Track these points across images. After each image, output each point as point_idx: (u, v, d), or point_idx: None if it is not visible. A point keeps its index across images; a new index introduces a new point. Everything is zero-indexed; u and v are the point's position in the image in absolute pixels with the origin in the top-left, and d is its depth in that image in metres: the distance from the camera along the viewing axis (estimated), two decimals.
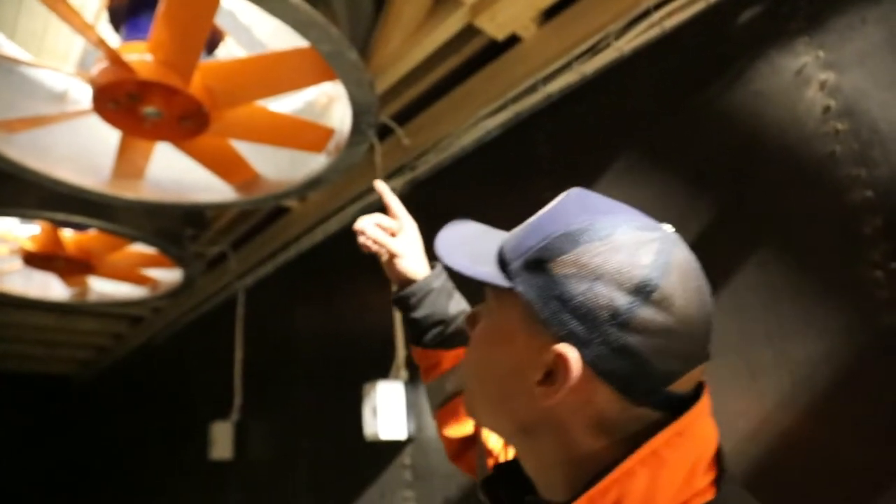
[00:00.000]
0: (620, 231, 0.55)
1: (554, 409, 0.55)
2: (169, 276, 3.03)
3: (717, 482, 0.54)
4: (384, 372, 2.19)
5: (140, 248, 2.69)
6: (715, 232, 1.42)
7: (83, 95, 1.80)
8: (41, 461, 6.00)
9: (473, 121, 1.97)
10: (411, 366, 2.16)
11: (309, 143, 1.84)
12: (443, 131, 2.09)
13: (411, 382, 2.14)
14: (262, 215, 3.04)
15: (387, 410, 2.05)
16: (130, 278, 3.02)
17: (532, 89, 1.81)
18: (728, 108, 1.45)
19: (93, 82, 1.52)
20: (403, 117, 2.23)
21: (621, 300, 0.52)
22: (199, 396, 3.83)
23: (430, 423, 2.06)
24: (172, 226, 2.50)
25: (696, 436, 0.54)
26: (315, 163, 1.90)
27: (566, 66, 1.73)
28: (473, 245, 0.65)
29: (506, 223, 1.94)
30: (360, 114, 1.67)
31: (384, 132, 2.26)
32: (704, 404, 0.56)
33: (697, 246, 1.43)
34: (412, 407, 2.11)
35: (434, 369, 0.99)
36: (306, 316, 2.89)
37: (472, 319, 0.67)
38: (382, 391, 2.06)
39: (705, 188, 1.46)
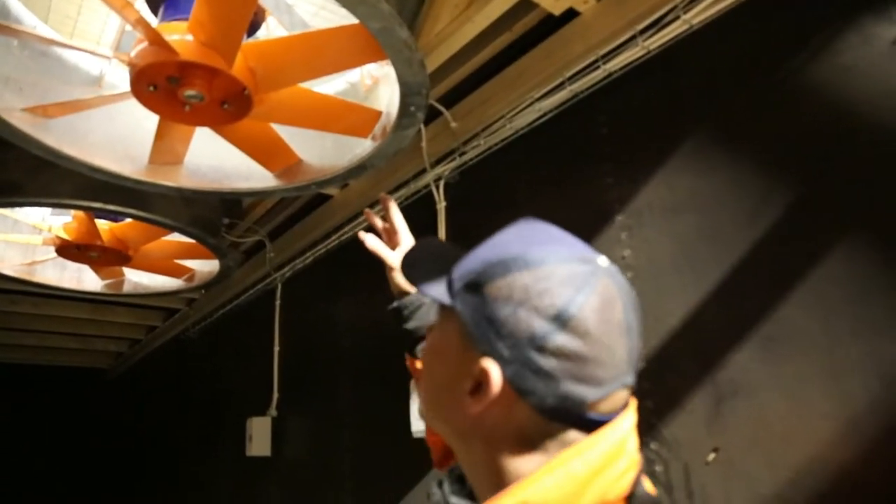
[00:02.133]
0: (550, 261, 0.61)
1: (482, 419, 0.61)
2: (205, 266, 2.99)
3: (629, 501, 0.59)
4: None
5: (176, 238, 2.65)
6: (795, 220, 1.32)
7: (120, 79, 1.75)
8: (75, 454, 6.08)
9: (527, 102, 1.87)
10: None
11: (355, 126, 1.77)
12: (493, 114, 1.98)
13: None
14: (301, 204, 2.98)
15: None
16: (166, 269, 2.99)
17: (591, 67, 1.71)
18: (812, 84, 1.34)
19: (132, 64, 1.45)
20: (451, 99, 2.14)
21: (539, 326, 0.58)
22: (234, 390, 3.81)
23: None
24: (209, 215, 2.45)
25: (605, 454, 0.58)
26: (360, 148, 1.83)
27: (629, 42, 1.62)
28: (438, 263, 0.71)
29: (562, 211, 1.84)
30: (409, 95, 1.59)
31: (431, 116, 2.16)
32: (618, 429, 0.60)
33: (774, 234, 1.35)
34: None
35: None
36: (347, 308, 2.84)
37: (428, 332, 0.74)
38: None
39: (784, 172, 1.35)
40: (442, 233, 2.17)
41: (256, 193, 2.05)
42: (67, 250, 2.53)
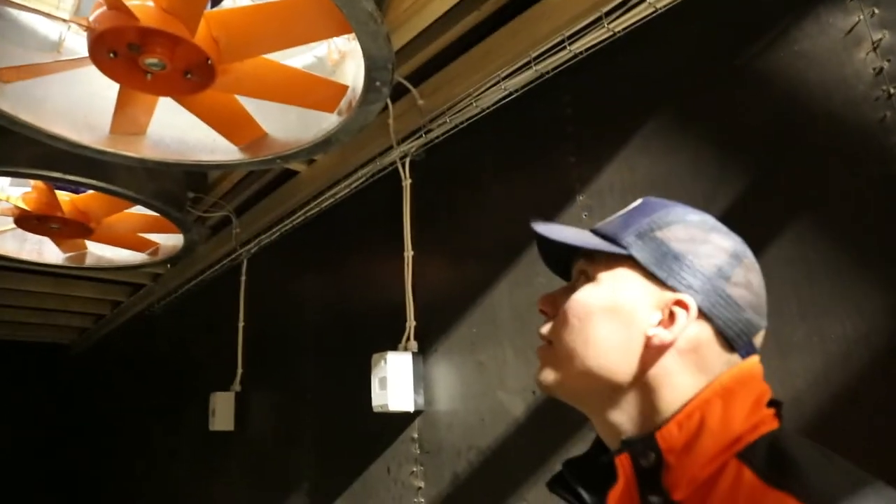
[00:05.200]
0: (708, 216, 0.73)
1: (663, 355, 0.66)
2: (169, 240, 2.95)
3: (779, 416, 0.67)
4: (393, 343, 2.13)
5: (140, 211, 2.61)
6: (748, 202, 1.35)
7: (80, 45, 1.71)
8: (37, 431, 5.99)
9: (493, 80, 1.86)
10: (420, 337, 2.10)
11: (320, 100, 1.76)
12: (460, 92, 1.98)
13: (420, 354, 2.08)
14: (267, 179, 2.95)
15: (396, 382, 2.00)
16: (129, 243, 2.95)
17: (558, 47, 1.71)
18: (769, 71, 1.36)
19: (90, 29, 1.42)
20: (418, 77, 2.13)
21: (724, 261, 0.68)
22: (199, 365, 3.79)
23: (439, 396, 2.01)
24: (174, 188, 2.42)
25: (757, 377, 0.67)
26: (326, 123, 1.82)
27: (595, 23, 1.63)
28: (564, 231, 0.77)
29: (525, 189, 1.86)
30: (374, 70, 1.58)
31: (398, 93, 2.16)
32: (755, 360, 0.69)
33: (729, 216, 1.36)
34: (420, 379, 2.05)
35: None
36: (313, 285, 2.83)
37: (551, 300, 0.76)
38: (392, 362, 2.00)
39: (740, 155, 1.38)
40: (407, 210, 2.18)
41: (221, 166, 2.03)
42: (27, 221, 2.48)
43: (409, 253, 2.15)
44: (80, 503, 5.69)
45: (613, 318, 0.69)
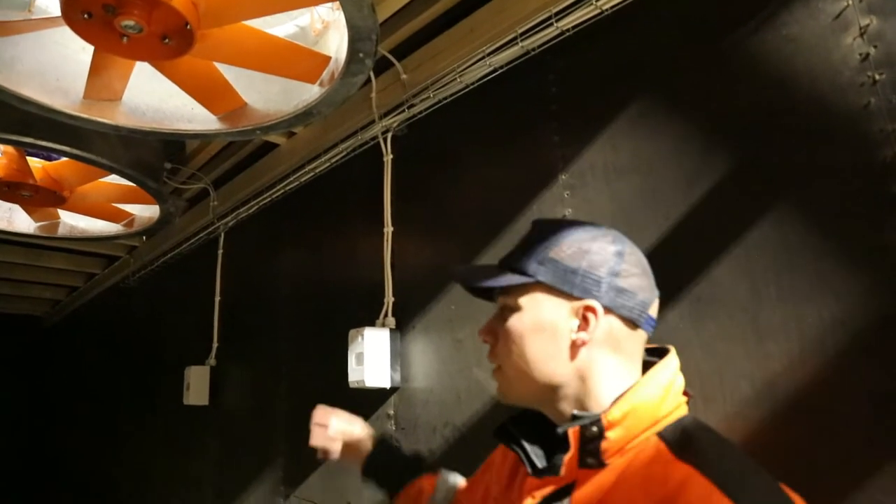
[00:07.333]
0: (589, 227, 0.89)
1: (587, 344, 0.84)
2: (145, 212, 2.90)
3: (689, 404, 0.86)
4: (371, 319, 2.11)
5: (115, 181, 2.55)
6: (731, 186, 1.35)
7: (52, 3, 1.65)
8: (6, 405, 5.90)
9: (478, 56, 1.84)
10: (399, 313, 2.08)
11: (302, 71, 1.71)
12: (444, 67, 1.95)
13: (398, 330, 2.07)
14: (246, 152, 2.90)
15: (373, 358, 1.98)
16: (104, 213, 2.88)
17: (545, 24, 1.69)
18: (756, 54, 1.35)
19: None
20: (403, 51, 2.10)
21: (611, 261, 0.85)
22: (174, 339, 3.75)
23: (416, 373, 2.00)
24: (150, 157, 2.36)
25: (678, 371, 0.86)
26: (307, 94, 1.78)
27: (583, 0, 1.61)
28: (478, 272, 0.98)
29: (508, 168, 1.83)
30: (358, 41, 1.54)
31: (381, 67, 2.12)
32: (673, 357, 0.87)
33: (711, 199, 1.37)
34: (397, 356, 2.05)
35: (420, 496, 1.24)
36: (291, 259, 2.80)
37: (489, 330, 0.93)
38: (369, 338, 1.99)
39: (725, 139, 1.37)
40: (387, 185, 2.15)
41: (199, 136, 1.98)
42: None
43: (388, 229, 2.13)
44: (51, 477, 5.63)
45: (542, 335, 0.86)
